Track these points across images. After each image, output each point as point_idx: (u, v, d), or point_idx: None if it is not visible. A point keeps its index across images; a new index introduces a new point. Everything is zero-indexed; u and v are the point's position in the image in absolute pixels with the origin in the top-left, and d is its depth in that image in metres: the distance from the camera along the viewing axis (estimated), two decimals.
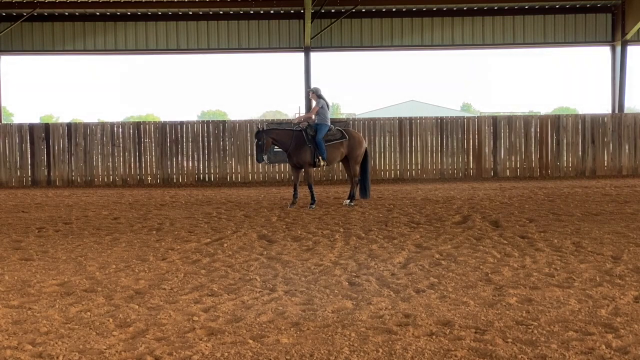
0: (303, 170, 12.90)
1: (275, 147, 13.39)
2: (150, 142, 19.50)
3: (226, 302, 5.62)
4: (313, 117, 12.95)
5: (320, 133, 12.70)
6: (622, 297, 5.61)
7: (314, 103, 13.18)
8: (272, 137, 12.76)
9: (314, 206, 12.39)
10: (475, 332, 4.74)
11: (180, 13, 20.38)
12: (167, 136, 19.49)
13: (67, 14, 20.36)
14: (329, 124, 12.90)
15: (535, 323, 4.92)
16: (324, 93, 13.08)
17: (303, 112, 22.94)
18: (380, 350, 4.41)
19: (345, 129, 13.38)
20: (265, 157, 12.83)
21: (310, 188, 12.76)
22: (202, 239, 8.91)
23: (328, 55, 54.40)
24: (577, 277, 6.33)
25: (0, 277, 6.74)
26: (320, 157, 12.65)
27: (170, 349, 4.48)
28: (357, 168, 13.07)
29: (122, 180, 19.40)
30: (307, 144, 12.66)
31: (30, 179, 19.41)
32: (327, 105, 12.97)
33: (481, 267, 6.88)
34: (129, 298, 5.84)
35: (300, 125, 12.97)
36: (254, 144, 14.06)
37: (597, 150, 19.72)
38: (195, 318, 5.16)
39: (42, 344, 4.60)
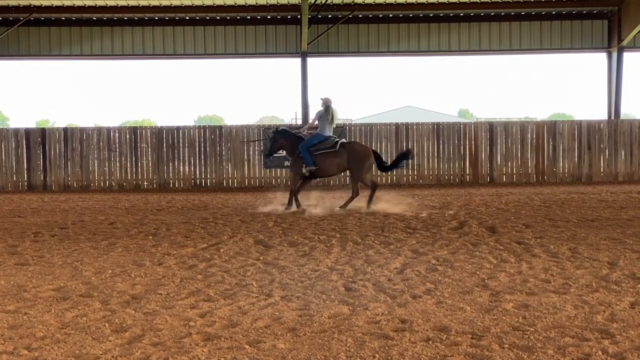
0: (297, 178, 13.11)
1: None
2: (146, 147, 19.50)
3: (223, 308, 5.61)
4: (316, 125, 13.09)
5: (307, 142, 12.79)
6: (618, 303, 5.62)
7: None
8: (283, 139, 13.13)
9: (287, 210, 12.56)
10: (472, 338, 4.74)
11: (177, 18, 20.41)
12: (164, 141, 19.47)
13: (63, 18, 20.39)
14: (326, 134, 12.88)
15: (532, 329, 4.92)
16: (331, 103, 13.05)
17: (300, 117, 22.97)
18: (377, 355, 4.41)
19: (348, 142, 13.39)
20: (269, 156, 12.96)
21: (290, 193, 12.97)
22: (198, 244, 8.89)
23: (325, 61, 54.53)
24: (573, 283, 6.34)
25: None
26: (304, 165, 12.72)
27: (167, 354, 4.47)
28: (365, 180, 12.79)
29: (119, 185, 19.38)
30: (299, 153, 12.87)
31: (26, 183, 19.38)
32: (332, 115, 12.94)
33: (478, 272, 6.88)
34: (125, 303, 5.82)
35: (303, 135, 13.13)
36: (269, 139, 13.96)
37: (593, 157, 19.77)
38: (192, 323, 5.15)
39: (38, 349, 4.59)
